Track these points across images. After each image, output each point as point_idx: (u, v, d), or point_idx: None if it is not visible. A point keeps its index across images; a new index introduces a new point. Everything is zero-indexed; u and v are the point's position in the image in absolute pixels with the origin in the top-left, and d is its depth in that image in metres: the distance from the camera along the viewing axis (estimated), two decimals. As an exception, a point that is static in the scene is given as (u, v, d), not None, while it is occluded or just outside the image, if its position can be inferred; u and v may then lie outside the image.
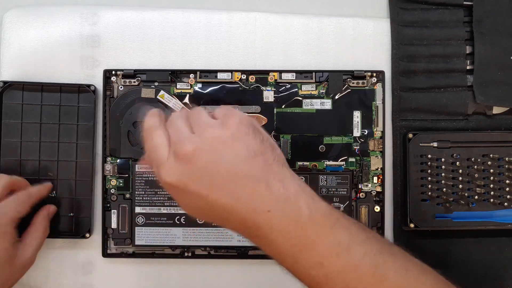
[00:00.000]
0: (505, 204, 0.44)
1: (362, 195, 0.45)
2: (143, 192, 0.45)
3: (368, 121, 0.45)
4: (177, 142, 0.31)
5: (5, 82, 0.44)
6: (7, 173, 0.43)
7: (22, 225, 0.41)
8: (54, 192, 0.45)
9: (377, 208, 0.45)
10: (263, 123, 0.45)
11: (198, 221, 0.44)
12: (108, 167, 0.45)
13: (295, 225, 0.29)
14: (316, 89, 0.46)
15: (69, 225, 0.45)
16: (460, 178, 0.44)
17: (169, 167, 0.30)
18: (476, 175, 0.44)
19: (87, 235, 0.45)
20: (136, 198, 0.45)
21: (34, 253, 0.41)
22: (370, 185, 0.45)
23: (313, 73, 0.45)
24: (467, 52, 0.45)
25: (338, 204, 0.44)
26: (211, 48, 0.46)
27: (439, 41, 0.46)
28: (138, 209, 0.45)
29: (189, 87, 0.45)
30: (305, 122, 0.45)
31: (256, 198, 0.30)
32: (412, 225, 0.44)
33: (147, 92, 0.45)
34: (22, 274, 0.41)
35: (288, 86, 0.46)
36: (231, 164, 0.30)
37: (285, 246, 0.30)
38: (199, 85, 0.45)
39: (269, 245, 0.30)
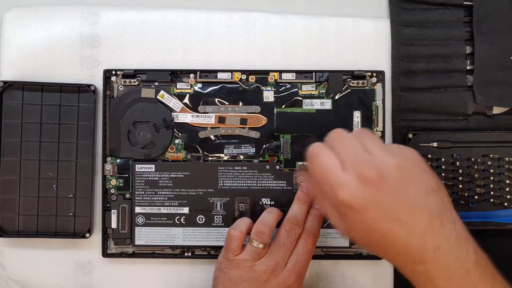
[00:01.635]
0: (505, 204, 0.44)
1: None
2: (143, 192, 0.45)
3: (368, 121, 0.45)
4: (358, 162, 0.31)
5: (5, 82, 0.45)
6: (7, 173, 0.44)
7: None
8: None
9: (377, 208, 0.45)
10: (263, 123, 0.45)
11: (198, 221, 0.44)
12: (108, 167, 0.45)
13: (461, 268, 0.30)
14: (316, 89, 0.46)
15: (69, 225, 0.45)
16: (460, 178, 0.44)
17: (352, 187, 0.30)
18: (476, 175, 0.44)
19: (87, 235, 0.45)
20: (136, 198, 0.45)
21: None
22: (370, 185, 0.45)
23: (313, 73, 0.45)
24: (467, 52, 0.45)
25: (338, 204, 0.44)
26: (211, 48, 0.46)
27: (439, 41, 0.46)
28: (138, 209, 0.45)
29: (189, 87, 0.45)
30: (305, 122, 0.45)
31: (429, 234, 0.30)
32: (412, 225, 0.44)
33: (147, 92, 0.45)
34: None
35: (288, 86, 0.46)
36: (412, 197, 0.30)
37: (445, 286, 0.30)
38: (199, 85, 0.45)
39: (427, 282, 0.31)
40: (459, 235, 0.31)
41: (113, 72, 0.45)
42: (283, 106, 0.45)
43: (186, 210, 0.44)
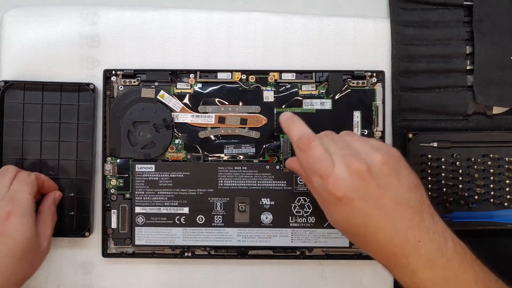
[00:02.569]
0: (505, 204, 0.44)
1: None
2: (143, 192, 0.45)
3: (368, 121, 0.45)
4: (348, 156, 0.32)
5: (6, 82, 0.45)
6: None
7: None
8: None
9: (377, 208, 0.45)
10: (263, 123, 0.45)
11: (198, 221, 0.44)
12: (108, 167, 0.45)
13: (441, 257, 0.31)
14: (316, 89, 0.46)
15: (70, 224, 0.45)
16: (460, 178, 0.44)
17: (341, 179, 0.32)
18: (476, 175, 0.44)
19: (87, 234, 0.45)
20: (136, 198, 0.45)
21: (49, 240, 0.41)
22: (370, 185, 0.45)
23: (313, 73, 0.45)
24: (467, 52, 0.45)
25: (338, 204, 0.44)
26: (211, 48, 0.46)
27: (439, 41, 0.46)
28: (138, 209, 0.45)
29: (189, 87, 0.45)
30: (305, 122, 0.45)
31: (411, 227, 0.31)
32: (412, 225, 0.44)
33: (147, 92, 0.45)
34: (42, 261, 0.41)
35: (288, 86, 0.46)
36: (396, 192, 0.32)
37: (428, 276, 0.31)
38: (199, 85, 0.46)
39: (410, 274, 0.32)
40: (437, 226, 0.32)
41: (113, 72, 0.45)
42: (283, 106, 0.45)
43: (186, 210, 0.45)
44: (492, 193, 0.44)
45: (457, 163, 0.44)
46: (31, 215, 0.39)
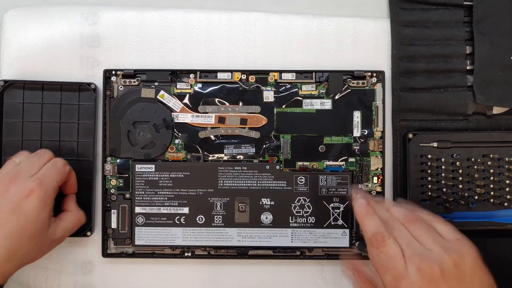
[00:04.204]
0: (505, 204, 0.44)
1: (362, 195, 0.45)
2: (143, 192, 0.45)
3: (368, 121, 0.45)
4: (418, 256, 0.32)
5: (5, 81, 0.45)
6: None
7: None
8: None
9: (377, 208, 0.45)
10: (263, 123, 0.45)
11: (198, 222, 0.44)
12: (108, 167, 0.45)
13: None
14: (316, 89, 0.46)
15: (69, 225, 0.45)
16: (460, 178, 0.44)
17: (413, 283, 0.32)
18: (476, 175, 0.44)
19: (88, 233, 0.45)
20: (136, 198, 0.45)
21: (65, 234, 0.41)
22: (370, 185, 0.45)
23: (313, 73, 0.45)
24: (467, 52, 0.45)
25: (338, 204, 0.44)
26: (211, 48, 0.46)
27: (439, 41, 0.46)
28: (138, 209, 0.45)
29: (189, 87, 0.45)
30: (305, 122, 0.45)
31: None
32: (412, 225, 0.44)
33: (147, 92, 0.45)
34: (49, 249, 0.41)
35: (288, 86, 0.46)
36: None
37: None
38: (199, 85, 0.46)
39: None
40: None
41: (113, 72, 0.45)
42: (283, 106, 0.45)
43: (186, 210, 0.45)
44: (492, 193, 0.44)
45: (457, 163, 0.44)
46: (50, 200, 0.39)
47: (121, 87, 0.45)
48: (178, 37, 0.46)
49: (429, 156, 0.44)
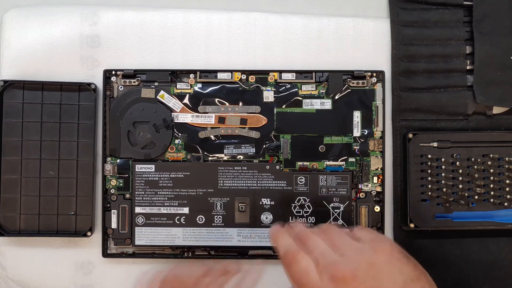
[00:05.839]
0: (505, 204, 0.44)
1: (362, 195, 0.45)
2: (143, 192, 0.45)
3: (368, 121, 0.45)
4: (330, 265, 0.31)
5: (5, 81, 0.45)
6: (9, 172, 0.44)
7: None
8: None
9: (377, 208, 0.45)
10: (263, 123, 0.45)
11: (198, 222, 0.44)
12: (108, 167, 0.45)
13: None
14: (316, 89, 0.46)
15: (70, 224, 0.45)
16: (460, 178, 0.44)
17: None
18: (476, 175, 0.44)
19: (89, 233, 0.45)
20: (136, 198, 0.45)
21: None
22: (370, 185, 0.45)
23: (313, 73, 0.45)
24: (467, 52, 0.45)
25: (338, 204, 0.44)
26: (211, 48, 0.46)
27: (439, 41, 0.46)
28: (138, 209, 0.45)
29: (189, 87, 0.45)
30: (305, 122, 0.45)
31: None
32: (412, 225, 0.44)
33: (147, 92, 0.45)
34: None
35: (288, 86, 0.46)
36: None
37: None
38: (199, 85, 0.46)
39: None
40: None
41: (113, 72, 0.45)
42: (283, 106, 0.45)
43: (186, 210, 0.45)
44: (492, 193, 0.44)
45: (457, 163, 0.44)
46: None
47: (121, 87, 0.45)
48: (178, 37, 0.46)
49: (429, 156, 0.44)
